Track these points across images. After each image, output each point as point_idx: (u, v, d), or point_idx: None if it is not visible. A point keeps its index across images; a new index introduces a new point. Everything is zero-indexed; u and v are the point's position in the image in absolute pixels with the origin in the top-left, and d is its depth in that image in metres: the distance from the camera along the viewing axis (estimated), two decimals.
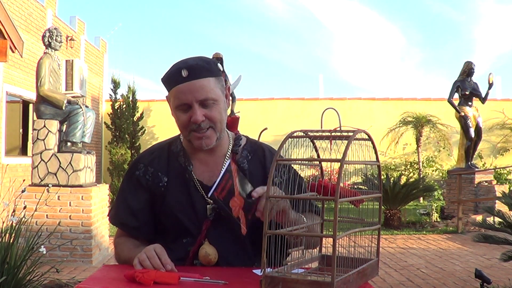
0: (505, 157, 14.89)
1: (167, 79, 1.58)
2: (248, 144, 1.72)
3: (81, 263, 5.82)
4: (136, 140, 14.15)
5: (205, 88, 1.54)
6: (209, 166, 1.65)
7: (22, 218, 3.94)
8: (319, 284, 1.14)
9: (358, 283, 1.27)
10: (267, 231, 1.20)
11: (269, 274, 1.19)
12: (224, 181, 1.61)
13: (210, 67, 1.57)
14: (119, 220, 1.70)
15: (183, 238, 1.60)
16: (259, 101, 15.39)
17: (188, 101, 1.54)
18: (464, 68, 10.21)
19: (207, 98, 1.54)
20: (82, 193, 5.94)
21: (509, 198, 4.73)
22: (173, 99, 1.58)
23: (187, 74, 1.53)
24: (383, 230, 8.88)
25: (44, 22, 11.34)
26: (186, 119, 1.56)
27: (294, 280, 1.16)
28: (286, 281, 1.17)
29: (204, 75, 1.55)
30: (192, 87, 1.53)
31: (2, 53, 6.30)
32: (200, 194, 1.61)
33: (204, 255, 1.54)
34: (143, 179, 1.66)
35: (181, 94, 1.54)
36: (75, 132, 6.09)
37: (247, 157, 1.68)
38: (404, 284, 5.24)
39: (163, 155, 1.68)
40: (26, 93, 10.50)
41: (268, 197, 1.22)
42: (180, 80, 1.54)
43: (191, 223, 1.60)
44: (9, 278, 3.58)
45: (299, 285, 1.16)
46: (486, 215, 8.47)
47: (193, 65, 1.55)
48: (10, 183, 5.23)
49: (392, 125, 14.32)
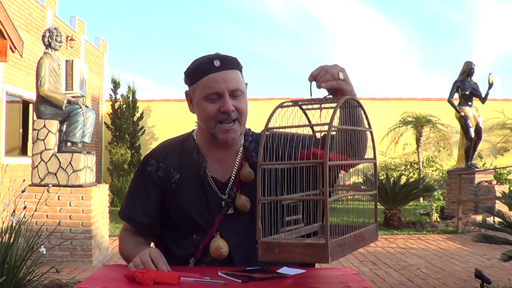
0: (505, 157, 14.89)
1: (196, 70, 1.59)
2: (254, 136, 1.73)
3: (81, 263, 5.82)
4: (136, 140, 14.15)
5: (236, 79, 1.57)
6: (222, 163, 1.64)
7: (22, 218, 3.94)
8: (314, 246, 1.15)
9: (355, 246, 1.27)
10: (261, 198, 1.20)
11: (265, 240, 1.19)
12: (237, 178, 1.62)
13: (237, 61, 1.62)
14: (128, 215, 1.70)
15: (194, 235, 1.60)
16: (259, 101, 15.38)
17: (221, 90, 1.54)
18: (464, 68, 10.22)
19: (238, 88, 1.57)
20: (82, 193, 5.94)
21: (509, 198, 4.73)
22: (202, 89, 1.57)
23: (219, 64, 1.55)
24: (383, 230, 8.89)
25: (44, 22, 11.34)
26: (215, 109, 1.55)
27: (289, 244, 1.17)
28: (281, 245, 1.17)
29: (234, 67, 1.59)
30: (225, 76, 1.55)
31: (2, 53, 6.31)
32: (214, 191, 1.62)
33: (216, 248, 1.54)
34: (155, 175, 1.66)
35: (214, 83, 1.55)
36: (75, 132, 6.09)
37: (255, 149, 1.68)
38: (404, 284, 5.24)
39: (176, 151, 1.68)
40: (26, 93, 10.51)
41: (260, 165, 1.22)
42: (212, 69, 1.55)
43: (203, 220, 1.60)
44: (9, 278, 3.59)
45: (295, 248, 1.16)
46: (486, 215, 8.47)
47: (225, 57, 1.59)
48: (10, 183, 5.23)
49: (392, 125, 14.32)
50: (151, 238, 1.71)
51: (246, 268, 1.45)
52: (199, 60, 1.60)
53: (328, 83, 1.40)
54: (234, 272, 1.41)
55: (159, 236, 1.69)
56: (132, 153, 13.82)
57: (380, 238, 8.21)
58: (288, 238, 1.23)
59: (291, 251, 1.16)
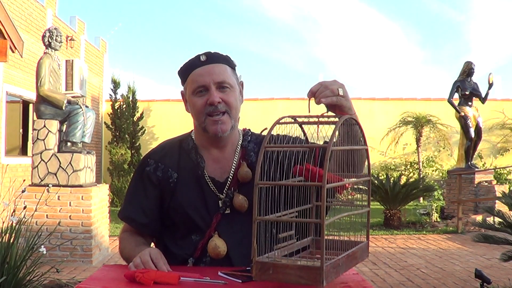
0: (505, 157, 14.89)
1: (185, 67, 1.63)
2: (253, 136, 1.73)
3: (81, 263, 5.82)
4: (136, 140, 14.14)
5: (223, 72, 1.59)
6: (220, 163, 1.65)
7: (22, 218, 3.94)
8: (309, 269, 1.15)
9: (348, 266, 1.28)
10: (257, 218, 1.20)
11: (260, 259, 1.19)
12: (235, 178, 1.63)
13: (227, 58, 1.64)
14: (128, 215, 1.70)
15: (192, 235, 1.61)
16: (259, 101, 15.38)
17: (206, 83, 1.57)
18: (464, 68, 10.22)
19: (224, 81, 1.58)
20: (82, 193, 5.94)
21: (509, 198, 4.73)
22: (190, 84, 1.60)
23: (205, 58, 1.59)
24: (383, 230, 8.90)
25: (44, 22, 11.34)
26: (202, 103, 1.58)
27: (284, 265, 1.17)
28: (276, 266, 1.17)
29: (222, 62, 1.61)
30: (210, 69, 1.58)
31: (2, 53, 6.31)
32: (212, 191, 1.62)
33: (213, 247, 1.54)
34: (153, 175, 1.67)
35: (199, 77, 1.58)
36: (75, 132, 6.09)
37: (254, 149, 1.68)
38: (404, 284, 5.24)
39: (174, 151, 1.69)
40: (26, 93, 10.51)
41: (257, 184, 1.22)
42: (198, 64, 1.59)
43: (201, 219, 1.60)
44: (9, 278, 3.59)
45: (289, 269, 1.16)
46: (486, 215, 8.47)
47: (211, 52, 1.62)
48: (10, 183, 5.24)
49: (392, 125, 14.32)
50: (151, 238, 1.72)
51: (246, 268, 1.45)
52: (189, 59, 1.64)
53: (327, 98, 1.39)
54: (234, 272, 1.41)
55: (159, 236, 1.70)
56: (132, 153, 13.82)
57: (380, 238, 8.21)
58: (283, 259, 1.23)
59: (285, 272, 1.17)
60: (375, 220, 9.50)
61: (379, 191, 9.14)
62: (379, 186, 9.21)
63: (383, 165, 14.79)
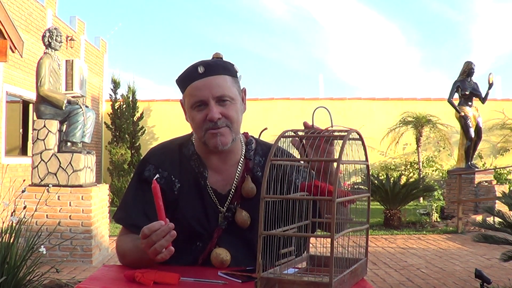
0: (505, 157, 14.89)
1: (183, 78, 1.54)
2: (258, 147, 1.65)
3: (81, 263, 5.82)
4: (136, 140, 14.15)
5: (222, 85, 1.50)
6: (223, 174, 1.59)
7: (22, 218, 3.94)
8: (317, 285, 1.13)
9: (351, 282, 1.27)
10: (262, 232, 1.18)
11: (265, 275, 1.17)
12: (238, 191, 1.57)
13: (227, 66, 1.54)
14: (132, 221, 1.59)
15: (194, 243, 1.57)
16: (259, 101, 15.38)
17: (205, 98, 1.49)
18: (464, 68, 10.22)
19: (224, 95, 1.50)
20: (82, 193, 5.94)
21: (509, 198, 4.73)
22: (189, 97, 1.53)
23: (203, 70, 1.50)
24: (383, 230, 8.90)
25: (44, 22, 11.34)
26: (201, 118, 1.50)
27: (290, 281, 1.15)
28: (282, 282, 1.15)
29: (221, 73, 1.51)
30: (208, 83, 1.49)
31: (2, 53, 6.31)
32: (214, 203, 1.57)
33: (215, 256, 1.52)
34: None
35: (197, 91, 1.50)
36: (75, 132, 6.09)
37: (260, 163, 1.61)
38: (404, 284, 5.23)
39: (175, 157, 1.61)
40: (26, 93, 10.51)
41: (263, 197, 1.20)
42: (196, 76, 1.50)
43: (203, 229, 1.56)
44: (9, 278, 3.58)
45: (296, 286, 1.14)
46: (486, 215, 8.47)
47: (210, 63, 1.52)
48: (10, 183, 5.24)
49: (392, 125, 14.32)
50: None
51: (246, 268, 1.44)
52: (186, 68, 1.55)
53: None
54: (234, 272, 1.41)
55: None
56: (132, 153, 13.83)
57: (380, 238, 8.21)
58: (289, 275, 1.21)
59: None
60: (375, 220, 9.50)
61: (379, 191, 9.14)
62: (379, 186, 9.21)
63: (383, 165, 14.79)
